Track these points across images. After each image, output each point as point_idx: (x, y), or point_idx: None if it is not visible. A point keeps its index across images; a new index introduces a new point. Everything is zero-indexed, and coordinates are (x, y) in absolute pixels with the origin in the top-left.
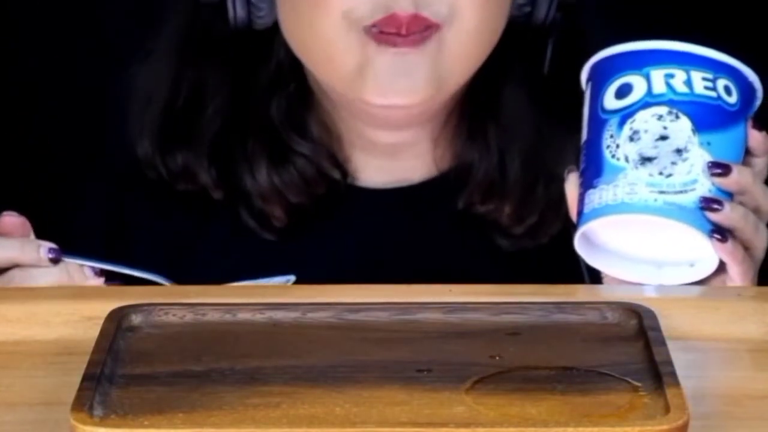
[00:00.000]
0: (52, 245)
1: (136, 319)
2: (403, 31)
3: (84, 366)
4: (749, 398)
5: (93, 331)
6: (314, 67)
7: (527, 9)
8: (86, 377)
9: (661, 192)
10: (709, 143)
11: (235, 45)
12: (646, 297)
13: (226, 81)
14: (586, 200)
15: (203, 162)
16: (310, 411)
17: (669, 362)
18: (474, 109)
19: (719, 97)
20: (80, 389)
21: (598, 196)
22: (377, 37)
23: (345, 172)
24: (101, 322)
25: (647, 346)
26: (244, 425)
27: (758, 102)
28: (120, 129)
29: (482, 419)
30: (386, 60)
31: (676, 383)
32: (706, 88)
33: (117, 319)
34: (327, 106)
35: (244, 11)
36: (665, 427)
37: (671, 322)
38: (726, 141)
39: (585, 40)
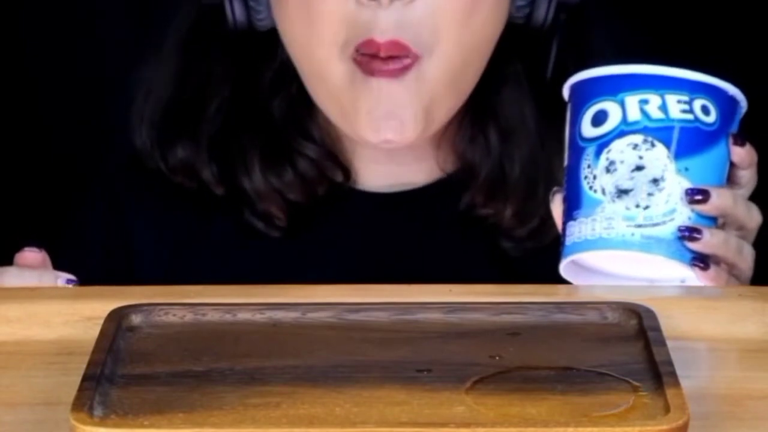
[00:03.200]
0: (70, 276)
1: (136, 319)
2: (381, 54)
3: (84, 366)
4: (749, 398)
5: (93, 331)
6: (310, 91)
7: (526, 10)
8: (86, 377)
9: (638, 226)
10: (687, 169)
11: (238, 44)
12: (646, 297)
13: (229, 79)
14: (567, 232)
15: (204, 157)
16: (310, 411)
17: (669, 362)
18: (474, 110)
19: (696, 119)
20: (80, 389)
21: (577, 230)
22: (360, 64)
23: (347, 174)
24: (101, 322)
25: (647, 346)
26: (244, 425)
27: (742, 112)
28: (121, 127)
29: (482, 419)
30: (372, 98)
31: (676, 383)
32: (683, 111)
33: (117, 319)
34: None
35: (243, 14)
36: (665, 427)
37: (671, 322)
38: (706, 163)
39: (588, 41)
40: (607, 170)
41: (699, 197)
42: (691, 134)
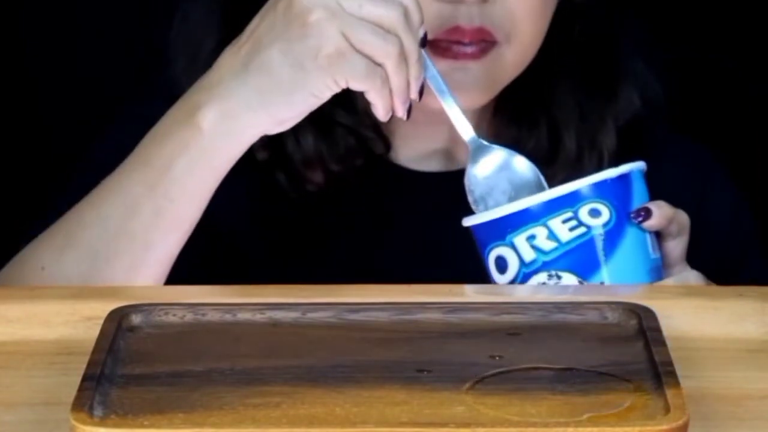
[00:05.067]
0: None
1: (136, 319)
2: (466, 41)
3: (84, 366)
4: (749, 398)
5: (93, 331)
6: None
7: None
8: (86, 377)
9: None
10: (602, 283)
11: None
12: (646, 297)
13: None
14: None
15: None
16: (310, 411)
17: (669, 362)
18: (518, 87)
19: (589, 229)
20: (80, 389)
21: None
22: (435, 49)
23: (387, 146)
24: (101, 322)
25: (647, 346)
26: (244, 425)
27: (642, 172)
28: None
29: (482, 419)
30: (444, 68)
31: (676, 383)
32: (572, 228)
33: (117, 319)
34: None
35: None
36: (665, 427)
37: (671, 322)
38: (619, 263)
39: (609, 11)
40: None
41: (642, 216)
42: (591, 247)
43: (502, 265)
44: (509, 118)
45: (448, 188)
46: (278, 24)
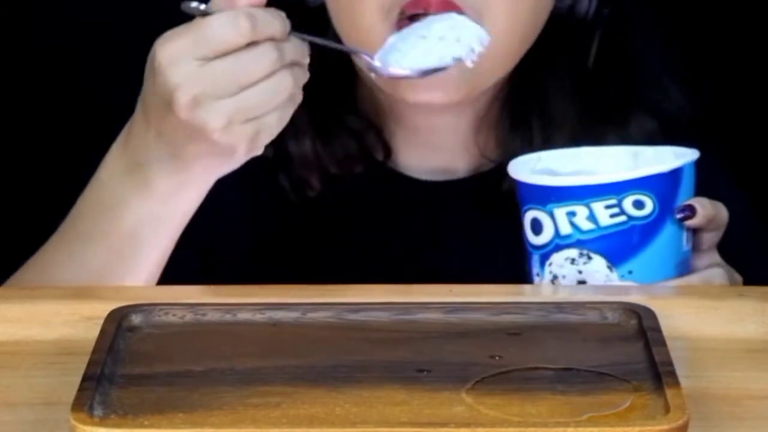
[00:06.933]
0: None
1: (136, 319)
2: (431, 11)
3: (84, 366)
4: (749, 398)
5: (93, 331)
6: (355, 59)
7: (569, 2)
8: (86, 377)
9: None
10: (630, 272)
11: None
12: (646, 297)
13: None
14: None
15: None
16: (310, 411)
17: (669, 362)
18: (518, 99)
19: (629, 219)
20: (80, 389)
21: None
22: (402, 25)
23: (388, 152)
24: (101, 322)
25: (647, 346)
26: (244, 425)
27: (692, 166)
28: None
29: (482, 419)
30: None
31: (676, 383)
32: (612, 215)
33: (117, 319)
34: (371, 88)
35: None
36: (665, 427)
37: (671, 322)
38: (651, 257)
39: (630, 32)
40: (553, 283)
41: (686, 214)
42: (627, 236)
43: (537, 227)
44: (509, 129)
45: (447, 197)
46: (180, 139)
